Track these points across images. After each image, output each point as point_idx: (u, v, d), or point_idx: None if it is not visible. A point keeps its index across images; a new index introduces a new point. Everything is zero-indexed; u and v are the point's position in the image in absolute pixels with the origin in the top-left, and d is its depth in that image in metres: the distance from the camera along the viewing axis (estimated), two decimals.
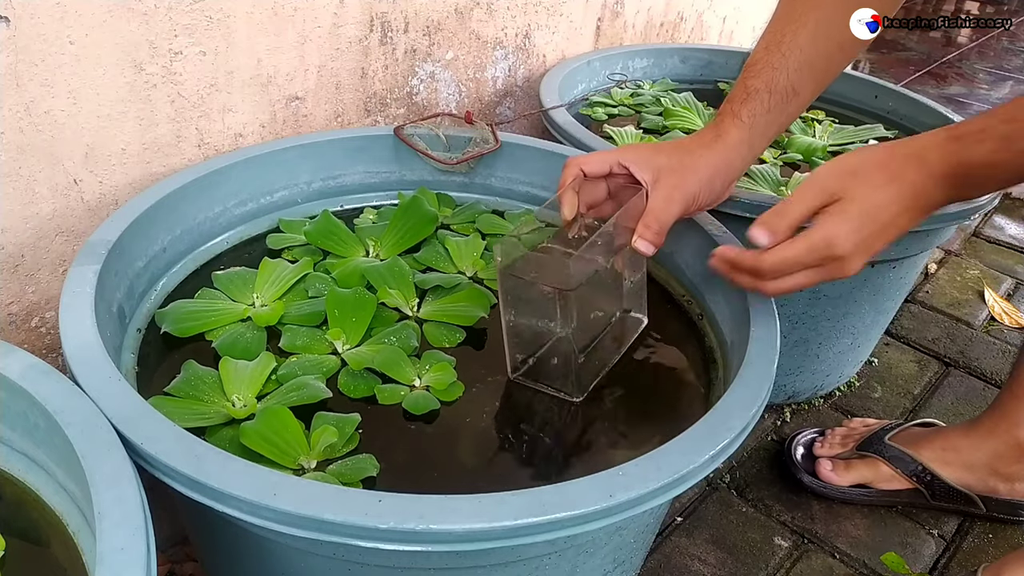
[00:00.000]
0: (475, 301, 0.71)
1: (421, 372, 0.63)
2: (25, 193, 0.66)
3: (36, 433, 0.49)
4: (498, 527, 0.43)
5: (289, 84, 0.83)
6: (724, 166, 0.67)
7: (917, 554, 0.90)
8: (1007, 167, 0.52)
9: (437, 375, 0.63)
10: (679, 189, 0.65)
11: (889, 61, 2.48)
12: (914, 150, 0.53)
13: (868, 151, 0.54)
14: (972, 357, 1.22)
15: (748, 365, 0.57)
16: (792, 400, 1.10)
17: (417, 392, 0.61)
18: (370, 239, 0.78)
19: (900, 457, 0.93)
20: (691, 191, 0.65)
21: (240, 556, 0.56)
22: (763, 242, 0.54)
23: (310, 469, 0.54)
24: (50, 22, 0.62)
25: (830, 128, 1.12)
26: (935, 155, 0.53)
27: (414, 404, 0.60)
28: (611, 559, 0.58)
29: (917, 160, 0.53)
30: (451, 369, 0.63)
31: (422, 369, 0.63)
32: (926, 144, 0.53)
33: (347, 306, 0.67)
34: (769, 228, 0.53)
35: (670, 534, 0.90)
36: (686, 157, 0.67)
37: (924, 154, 0.53)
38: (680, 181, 0.65)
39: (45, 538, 0.50)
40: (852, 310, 0.97)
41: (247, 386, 0.59)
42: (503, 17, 1.03)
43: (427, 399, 0.61)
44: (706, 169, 0.66)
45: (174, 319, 0.65)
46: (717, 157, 0.67)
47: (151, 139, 0.73)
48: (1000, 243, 1.55)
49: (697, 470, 0.49)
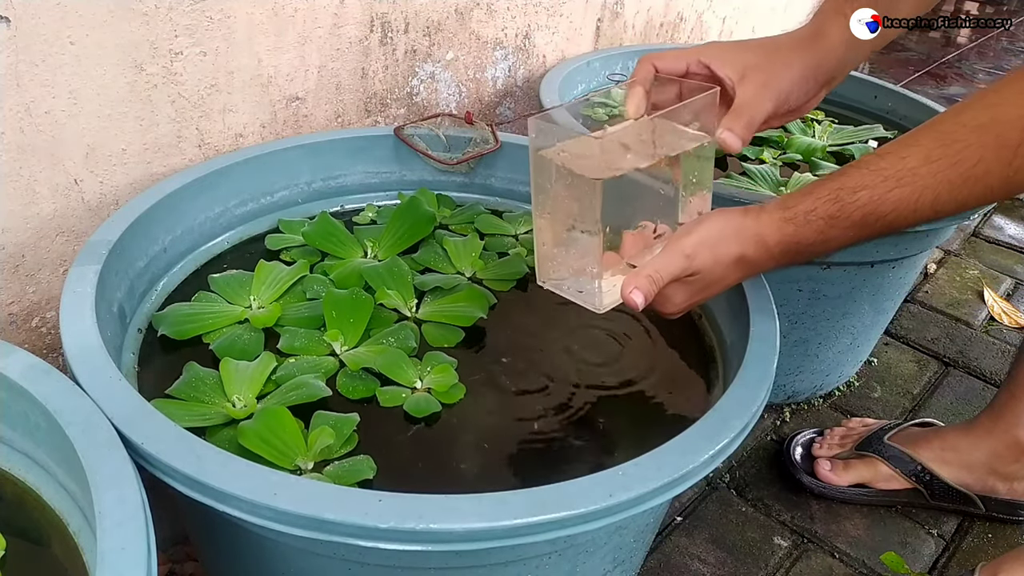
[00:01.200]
0: (474, 302, 0.71)
1: (423, 374, 0.63)
2: (26, 193, 0.66)
3: (37, 433, 0.49)
4: (498, 527, 0.44)
5: (289, 84, 0.83)
6: (820, 67, 0.65)
7: (917, 554, 0.90)
8: (836, 241, 0.57)
9: (439, 377, 0.63)
10: (769, 87, 0.63)
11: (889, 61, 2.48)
12: (757, 230, 0.57)
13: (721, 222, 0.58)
14: (971, 357, 1.22)
15: (748, 365, 0.57)
16: (792, 400, 1.10)
17: (419, 394, 0.61)
18: (368, 240, 0.78)
19: (899, 457, 0.93)
20: (783, 88, 0.63)
21: (240, 556, 0.56)
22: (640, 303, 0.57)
23: (307, 470, 0.54)
24: (51, 22, 0.62)
25: (829, 128, 1.12)
26: (773, 237, 0.57)
27: (415, 407, 0.60)
28: (611, 559, 0.58)
29: (757, 241, 0.58)
30: (452, 371, 0.63)
31: (423, 371, 0.63)
32: (766, 224, 0.57)
33: (344, 307, 0.67)
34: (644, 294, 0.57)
35: (670, 534, 0.90)
36: (776, 54, 0.65)
37: (764, 235, 0.57)
38: (769, 78, 0.63)
39: (46, 538, 0.50)
40: (852, 310, 0.97)
41: (247, 386, 0.60)
42: (503, 17, 1.03)
43: (428, 401, 0.61)
44: (800, 67, 0.64)
45: (171, 322, 0.65)
46: (813, 57, 0.65)
47: (152, 139, 0.73)
48: (999, 243, 1.55)
49: (697, 470, 0.49)
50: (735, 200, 0.82)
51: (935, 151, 0.53)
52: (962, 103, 0.54)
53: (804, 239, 0.57)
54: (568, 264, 0.62)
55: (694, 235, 0.58)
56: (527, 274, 0.77)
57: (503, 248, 0.81)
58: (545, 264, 0.63)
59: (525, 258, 0.79)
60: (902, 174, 0.53)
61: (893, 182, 0.54)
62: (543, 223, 0.62)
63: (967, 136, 0.52)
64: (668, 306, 0.60)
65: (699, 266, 0.58)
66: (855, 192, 0.55)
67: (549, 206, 0.60)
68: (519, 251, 0.80)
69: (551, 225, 0.61)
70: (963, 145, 0.52)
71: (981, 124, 0.52)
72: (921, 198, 0.53)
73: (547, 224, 0.61)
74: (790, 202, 0.58)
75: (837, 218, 0.55)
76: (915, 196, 0.53)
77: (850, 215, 0.55)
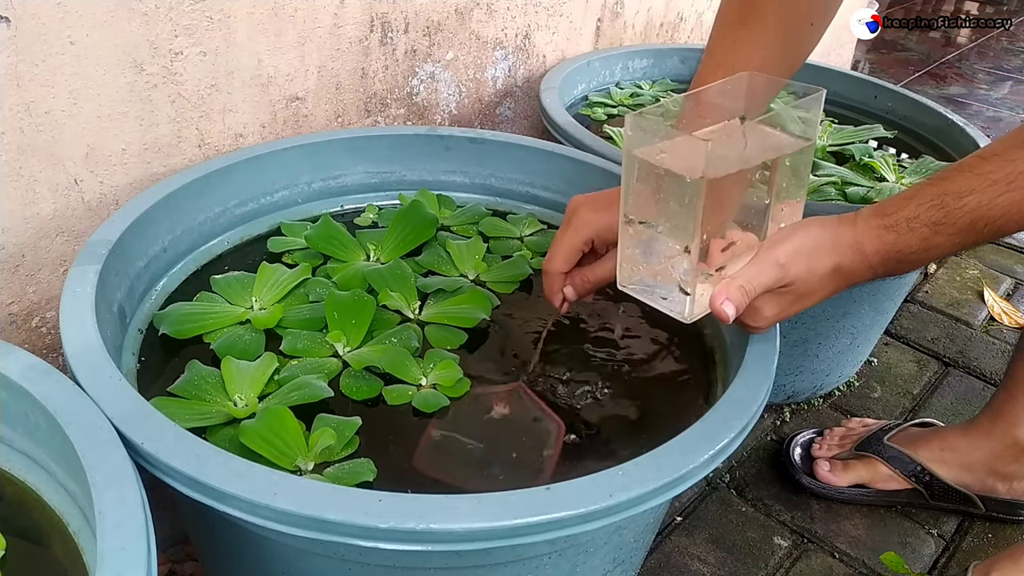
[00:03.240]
0: (477, 303, 0.71)
1: (426, 371, 0.63)
2: (26, 193, 0.66)
3: (37, 433, 0.49)
4: (498, 527, 0.44)
5: (289, 84, 0.83)
6: None
7: (917, 554, 0.90)
8: (940, 248, 0.55)
9: (443, 372, 0.63)
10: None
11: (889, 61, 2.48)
12: (855, 239, 0.56)
13: (817, 230, 0.56)
14: (971, 357, 1.22)
15: (748, 365, 0.58)
16: (792, 400, 1.10)
17: (425, 391, 0.62)
18: (371, 243, 0.78)
19: (898, 457, 0.93)
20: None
21: (240, 556, 0.56)
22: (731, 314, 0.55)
23: (307, 471, 0.54)
24: (51, 22, 0.62)
25: (830, 128, 1.12)
26: (872, 246, 0.55)
27: (424, 402, 0.60)
28: (611, 559, 0.58)
29: (855, 250, 0.56)
30: (456, 366, 0.63)
31: (427, 368, 0.63)
32: (863, 232, 0.56)
33: (346, 308, 0.67)
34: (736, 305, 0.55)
35: (670, 534, 0.90)
36: None
37: (862, 244, 0.55)
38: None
39: (46, 538, 0.50)
40: (852, 310, 0.97)
41: (249, 386, 0.60)
42: (503, 17, 1.03)
43: (436, 396, 0.61)
44: None
45: (172, 321, 0.65)
46: None
47: (152, 139, 0.73)
48: (1000, 243, 1.55)
49: (697, 470, 0.49)
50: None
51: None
52: None
53: (906, 247, 0.55)
54: (654, 269, 0.59)
55: (788, 244, 0.56)
56: (531, 275, 0.77)
57: (508, 251, 0.81)
58: (629, 267, 0.60)
59: (529, 260, 0.79)
60: (1012, 177, 0.51)
61: (1003, 186, 0.51)
62: (632, 226, 0.59)
63: None
64: (758, 319, 0.58)
65: (793, 276, 0.55)
66: (961, 197, 0.52)
67: (641, 208, 0.57)
68: (523, 253, 0.80)
69: (641, 228, 0.58)
70: None
71: None
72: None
73: (636, 227, 0.59)
74: (888, 208, 0.55)
75: (943, 224, 0.53)
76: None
77: (956, 221, 0.53)
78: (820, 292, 0.57)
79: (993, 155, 0.53)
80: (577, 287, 0.66)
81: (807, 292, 0.57)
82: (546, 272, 0.66)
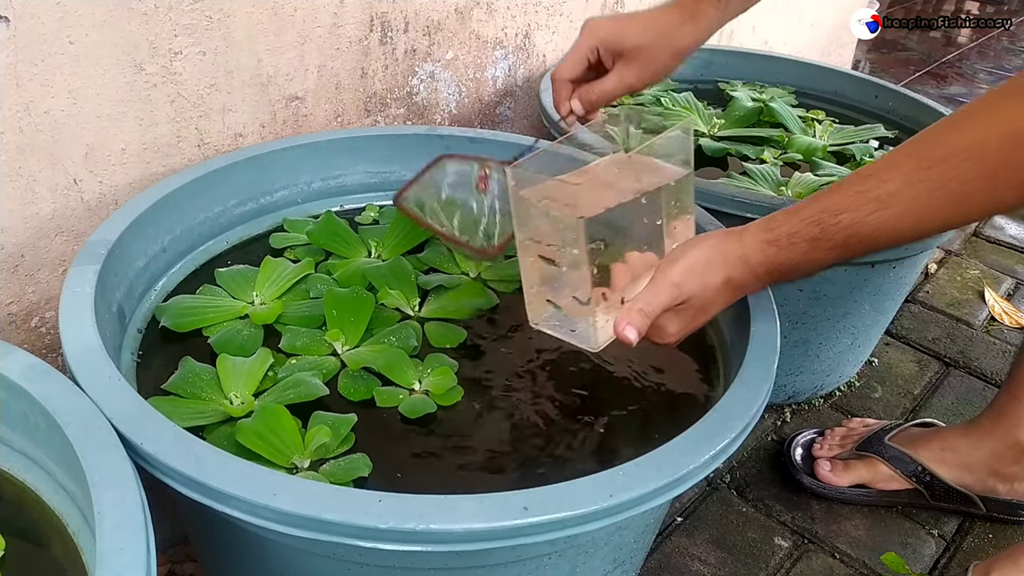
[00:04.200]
0: (474, 295, 0.71)
1: (422, 376, 0.63)
2: (25, 193, 0.66)
3: (36, 433, 0.49)
4: (498, 527, 0.43)
5: (289, 84, 0.83)
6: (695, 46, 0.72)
7: (917, 554, 0.90)
8: (821, 262, 0.57)
9: (438, 379, 0.62)
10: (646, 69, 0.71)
11: (889, 61, 2.48)
12: (742, 253, 0.58)
13: (706, 247, 0.59)
14: (972, 357, 1.22)
15: (748, 365, 0.57)
16: (792, 400, 1.10)
17: (415, 396, 0.61)
18: (373, 240, 0.78)
19: (899, 457, 0.92)
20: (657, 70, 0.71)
21: (240, 556, 0.56)
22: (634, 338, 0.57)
23: (303, 468, 0.54)
24: (50, 22, 0.62)
25: (830, 128, 1.12)
26: (756, 259, 0.58)
27: (411, 408, 0.60)
28: (611, 559, 0.58)
29: (743, 263, 0.58)
30: (452, 374, 0.63)
31: (423, 372, 0.63)
32: (750, 246, 0.58)
33: (345, 306, 0.67)
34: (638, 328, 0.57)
35: (670, 534, 0.90)
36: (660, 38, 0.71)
37: (748, 257, 0.58)
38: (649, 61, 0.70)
39: (45, 538, 0.50)
40: (852, 310, 0.97)
41: (244, 383, 0.60)
42: (503, 17, 1.03)
43: (424, 403, 0.60)
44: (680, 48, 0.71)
45: (173, 314, 0.66)
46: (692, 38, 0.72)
47: (151, 139, 0.73)
48: (1000, 243, 1.55)
49: (697, 470, 0.49)
50: (736, 200, 0.82)
51: (915, 173, 0.53)
52: (942, 123, 0.55)
53: (788, 261, 0.57)
54: (560, 304, 0.62)
55: (681, 263, 0.58)
56: None
57: (509, 249, 0.80)
58: (536, 306, 0.64)
59: None
60: (883, 196, 0.54)
61: (874, 204, 0.54)
62: (530, 265, 0.62)
63: (947, 158, 0.52)
64: (664, 336, 0.61)
65: (689, 293, 0.58)
66: (837, 215, 0.55)
67: (534, 248, 0.61)
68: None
69: (539, 267, 0.62)
70: (943, 168, 0.52)
71: (961, 146, 0.52)
72: (903, 220, 0.54)
73: (534, 266, 0.62)
74: (773, 224, 0.58)
75: (820, 240, 0.56)
76: (896, 218, 0.54)
77: (832, 237, 0.55)
78: (717, 303, 0.60)
79: (868, 175, 0.55)
80: (583, 99, 0.71)
81: (704, 305, 0.60)
82: (553, 79, 0.72)
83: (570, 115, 0.72)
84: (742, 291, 0.60)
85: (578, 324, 0.61)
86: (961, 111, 0.54)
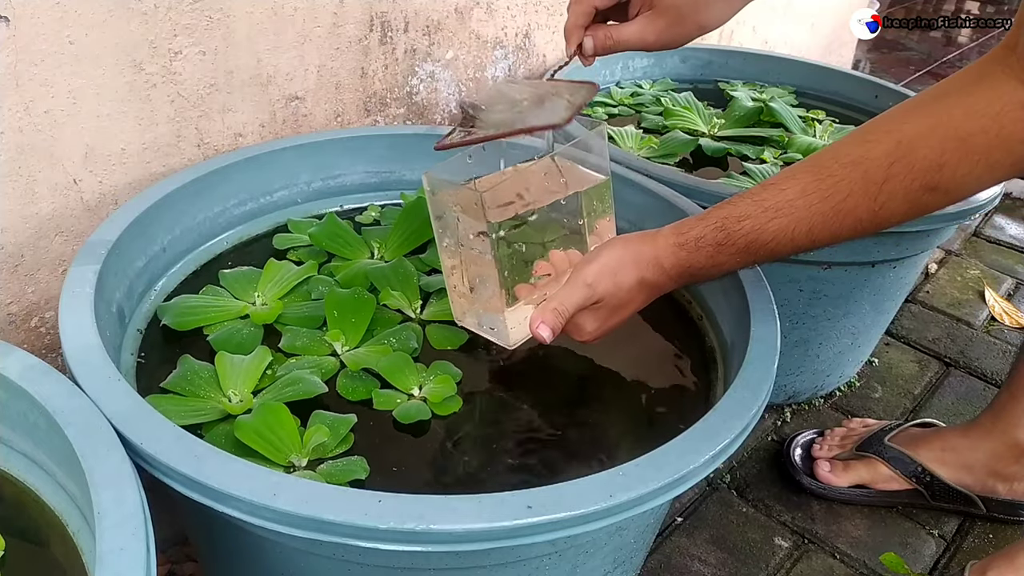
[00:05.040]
0: None
1: (424, 382, 0.62)
2: (25, 193, 0.66)
3: (36, 433, 0.49)
4: (498, 527, 0.43)
5: (289, 84, 0.83)
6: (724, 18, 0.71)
7: (917, 554, 0.90)
8: (726, 265, 0.60)
9: (437, 387, 0.62)
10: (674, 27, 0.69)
11: (889, 61, 2.48)
12: (654, 255, 0.60)
13: (621, 249, 0.61)
14: (972, 357, 1.22)
15: (748, 365, 0.57)
16: (792, 400, 1.09)
17: (412, 402, 0.61)
18: (375, 241, 0.78)
19: (899, 458, 0.92)
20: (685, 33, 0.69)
21: (240, 556, 0.56)
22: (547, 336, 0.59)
23: (300, 467, 0.54)
24: (50, 22, 0.62)
25: (830, 128, 1.12)
26: (668, 261, 0.60)
27: (405, 414, 0.59)
28: (611, 559, 0.58)
29: (655, 265, 0.60)
30: (453, 384, 0.62)
31: (425, 378, 0.63)
32: (662, 248, 0.60)
33: (346, 307, 0.67)
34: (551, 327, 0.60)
35: (670, 534, 0.90)
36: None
37: (660, 259, 0.60)
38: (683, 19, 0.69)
39: (45, 538, 0.50)
40: (852, 310, 0.97)
41: (243, 381, 0.60)
42: (503, 17, 1.03)
43: (419, 409, 0.60)
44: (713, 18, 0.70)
45: (175, 313, 0.66)
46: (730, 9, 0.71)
47: (151, 139, 0.73)
48: (1000, 243, 1.55)
49: (697, 470, 0.49)
50: None
51: (810, 184, 0.55)
52: (841, 139, 0.56)
53: (696, 263, 0.60)
54: (478, 303, 0.64)
55: (594, 264, 0.60)
56: None
57: None
58: (458, 304, 0.66)
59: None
60: (780, 205, 0.56)
61: (772, 213, 0.56)
62: (450, 266, 0.64)
63: (839, 171, 0.54)
64: (582, 334, 0.62)
65: (602, 293, 0.60)
66: (739, 221, 0.57)
67: (452, 249, 0.63)
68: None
69: (458, 267, 0.63)
70: (835, 180, 0.54)
71: (852, 160, 0.54)
72: (797, 229, 0.56)
73: (454, 266, 0.64)
74: (683, 228, 0.60)
75: (724, 245, 0.58)
76: (791, 227, 0.56)
77: (735, 242, 0.58)
78: (632, 303, 0.62)
79: (770, 184, 0.57)
80: (597, 39, 0.69)
81: (619, 305, 0.61)
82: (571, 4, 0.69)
83: (578, 49, 0.70)
84: (657, 291, 0.62)
85: (495, 322, 0.63)
86: (860, 127, 0.56)
